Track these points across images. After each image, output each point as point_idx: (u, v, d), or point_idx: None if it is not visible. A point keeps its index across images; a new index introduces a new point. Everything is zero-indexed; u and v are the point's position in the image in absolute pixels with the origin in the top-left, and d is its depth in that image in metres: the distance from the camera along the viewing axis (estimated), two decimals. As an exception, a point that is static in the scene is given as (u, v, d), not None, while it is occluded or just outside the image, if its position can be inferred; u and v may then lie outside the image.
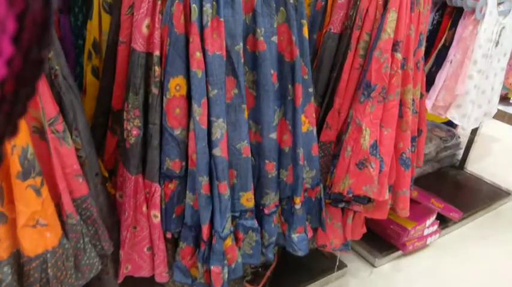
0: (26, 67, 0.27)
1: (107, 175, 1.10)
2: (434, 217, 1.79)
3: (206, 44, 0.83)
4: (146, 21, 0.85)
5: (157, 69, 0.87)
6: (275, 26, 0.91)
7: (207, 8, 0.81)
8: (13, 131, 0.29)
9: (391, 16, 1.00)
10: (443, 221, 1.87)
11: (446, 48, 1.29)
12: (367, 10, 1.05)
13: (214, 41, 0.84)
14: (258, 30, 0.89)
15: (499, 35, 1.25)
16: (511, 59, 1.37)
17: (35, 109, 0.78)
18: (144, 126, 0.95)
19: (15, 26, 0.25)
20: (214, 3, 0.82)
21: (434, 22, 1.32)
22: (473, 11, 1.20)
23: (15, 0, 0.25)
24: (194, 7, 0.81)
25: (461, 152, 2.28)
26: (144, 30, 0.86)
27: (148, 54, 0.88)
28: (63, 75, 0.86)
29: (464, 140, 2.25)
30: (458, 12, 1.27)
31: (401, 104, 1.12)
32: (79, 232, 0.93)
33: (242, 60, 0.89)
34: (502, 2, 1.22)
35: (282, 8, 0.92)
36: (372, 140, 1.08)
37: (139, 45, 0.87)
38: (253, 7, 0.87)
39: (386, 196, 1.16)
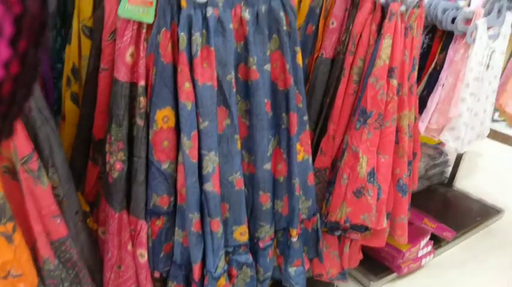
0: (23, 69, 0.28)
1: (88, 209, 1.02)
2: (428, 237, 1.76)
3: (196, 75, 0.78)
4: (130, 50, 0.79)
5: (142, 100, 0.81)
6: (268, 54, 0.87)
7: (197, 36, 0.76)
8: (9, 133, 0.30)
9: (386, 42, 0.97)
10: (436, 241, 1.84)
11: (437, 71, 1.28)
12: (360, 35, 1.02)
13: (205, 71, 0.78)
14: (251, 59, 0.84)
15: (490, 59, 1.25)
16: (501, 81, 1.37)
17: (6, 149, 0.71)
18: (128, 159, 0.88)
19: (12, 28, 0.26)
20: (204, 31, 0.77)
21: (425, 45, 1.31)
22: (463, 34, 1.19)
23: (13, 3, 0.25)
24: (182, 36, 0.75)
25: (449, 169, 2.28)
26: (128, 59, 0.80)
27: (133, 85, 0.82)
28: (38, 108, 0.78)
29: (452, 157, 2.25)
30: (448, 36, 1.26)
31: (398, 130, 1.09)
32: (57, 277, 0.85)
33: (234, 90, 0.84)
34: (491, 27, 1.22)
35: (274, 35, 0.88)
36: (369, 168, 1.04)
37: (122, 75, 0.81)
38: (245, 35, 0.83)
39: (385, 224, 1.11)
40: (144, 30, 0.78)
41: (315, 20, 1.10)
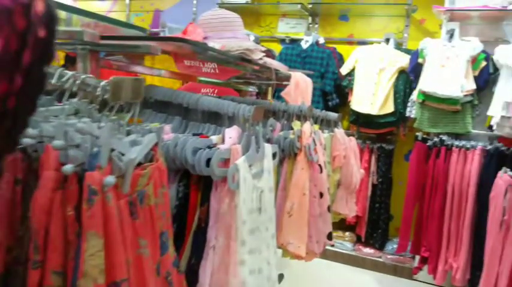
0: (27, 84, 0.28)
1: None
2: None
3: None
4: None
5: None
6: None
7: None
8: (13, 147, 0.30)
9: (93, 245, 0.51)
10: None
11: (203, 230, 0.94)
12: (46, 231, 0.53)
13: None
14: None
15: (260, 201, 1.01)
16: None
17: None
18: None
19: (17, 43, 0.26)
20: None
21: (180, 195, 0.96)
22: (224, 179, 0.90)
23: (17, 19, 0.26)
24: None
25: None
26: None
27: None
28: None
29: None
30: (207, 182, 0.95)
31: None
32: None
33: None
34: (252, 164, 0.99)
35: None
36: None
37: None
38: None
39: None
40: None
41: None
